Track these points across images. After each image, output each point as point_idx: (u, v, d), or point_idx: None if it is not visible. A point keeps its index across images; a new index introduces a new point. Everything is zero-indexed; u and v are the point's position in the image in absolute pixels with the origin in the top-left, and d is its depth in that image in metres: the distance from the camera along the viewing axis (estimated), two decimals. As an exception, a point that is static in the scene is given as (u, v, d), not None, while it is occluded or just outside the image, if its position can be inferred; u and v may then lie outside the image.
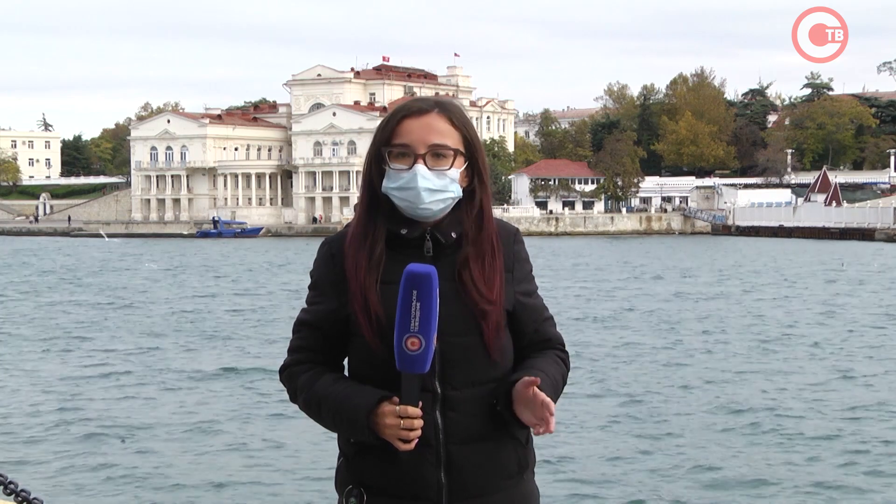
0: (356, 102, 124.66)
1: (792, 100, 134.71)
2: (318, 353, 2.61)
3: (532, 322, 2.64)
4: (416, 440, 2.45)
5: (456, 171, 2.57)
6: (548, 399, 2.43)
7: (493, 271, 2.57)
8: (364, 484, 2.56)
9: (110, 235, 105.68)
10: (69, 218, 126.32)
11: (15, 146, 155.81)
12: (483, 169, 2.64)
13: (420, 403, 2.45)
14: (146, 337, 27.12)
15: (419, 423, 2.44)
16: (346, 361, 2.68)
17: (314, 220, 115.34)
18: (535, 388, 2.44)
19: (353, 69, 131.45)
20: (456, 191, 2.57)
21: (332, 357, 2.63)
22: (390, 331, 2.45)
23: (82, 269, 57.02)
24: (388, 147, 2.57)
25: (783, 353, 23.27)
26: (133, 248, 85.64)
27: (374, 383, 2.51)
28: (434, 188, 2.53)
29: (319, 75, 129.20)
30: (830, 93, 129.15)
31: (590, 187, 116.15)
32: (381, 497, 2.55)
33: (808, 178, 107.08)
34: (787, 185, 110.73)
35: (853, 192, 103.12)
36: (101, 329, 28.84)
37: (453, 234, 2.57)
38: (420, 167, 2.53)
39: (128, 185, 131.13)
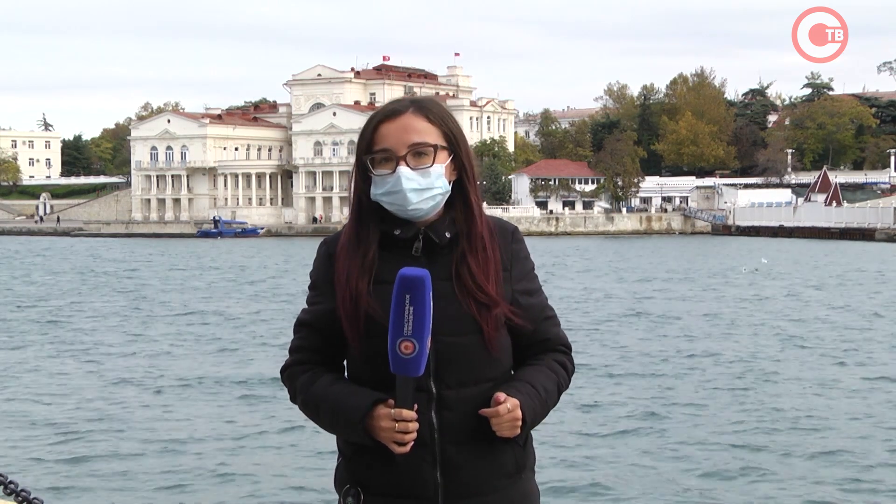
0: (356, 102, 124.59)
1: (792, 100, 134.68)
2: (318, 354, 2.61)
3: (532, 321, 2.62)
4: (412, 443, 2.46)
5: (440, 166, 2.55)
6: (497, 408, 2.47)
7: (488, 267, 2.56)
8: (362, 483, 2.57)
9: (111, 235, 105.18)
10: (58, 218, 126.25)
11: (15, 146, 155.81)
12: (468, 161, 2.61)
13: (416, 406, 2.44)
14: (150, 342, 27.15)
15: (414, 426, 2.44)
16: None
17: (314, 220, 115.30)
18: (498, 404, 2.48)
19: (353, 69, 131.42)
20: (443, 186, 2.56)
21: (333, 357, 2.63)
22: (382, 331, 2.45)
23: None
24: (369, 154, 2.57)
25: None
26: (137, 248, 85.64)
27: (372, 384, 2.51)
28: (420, 187, 2.52)
29: (319, 75, 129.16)
30: (830, 93, 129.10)
31: (590, 187, 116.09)
32: (378, 496, 2.55)
33: (809, 178, 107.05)
34: (788, 185, 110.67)
35: (853, 192, 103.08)
36: (111, 332, 28.87)
37: (447, 234, 2.57)
38: (403, 169, 2.52)
39: (128, 185, 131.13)
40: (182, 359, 23.05)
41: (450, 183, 2.58)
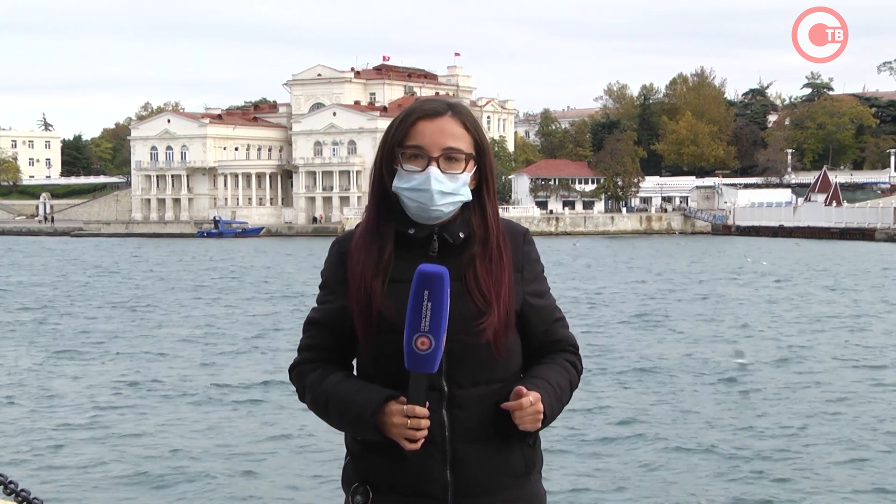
0: (356, 102, 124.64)
1: (792, 100, 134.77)
2: (328, 352, 2.61)
3: (542, 323, 2.64)
4: (423, 440, 2.45)
5: (467, 174, 2.57)
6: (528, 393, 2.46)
7: (501, 272, 2.56)
8: (370, 482, 2.57)
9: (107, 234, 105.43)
10: (52, 218, 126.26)
11: (15, 146, 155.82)
12: (490, 172, 2.64)
13: (427, 403, 2.44)
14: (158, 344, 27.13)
15: (426, 423, 2.44)
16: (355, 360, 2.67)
17: (314, 219, 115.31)
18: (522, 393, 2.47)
19: (353, 69, 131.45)
20: (466, 194, 2.58)
21: (342, 355, 2.63)
22: (395, 329, 2.45)
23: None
24: (401, 148, 2.57)
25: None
26: (136, 247, 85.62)
27: (382, 383, 2.51)
28: (446, 191, 2.54)
29: (319, 75, 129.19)
30: (830, 93, 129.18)
31: (590, 187, 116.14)
32: (386, 495, 2.55)
33: (809, 178, 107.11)
34: (788, 185, 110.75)
35: (853, 192, 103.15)
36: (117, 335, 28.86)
37: (461, 234, 2.57)
38: (433, 170, 2.53)
39: (128, 184, 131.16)
40: (188, 363, 23.00)
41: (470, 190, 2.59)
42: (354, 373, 2.64)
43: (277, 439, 14.81)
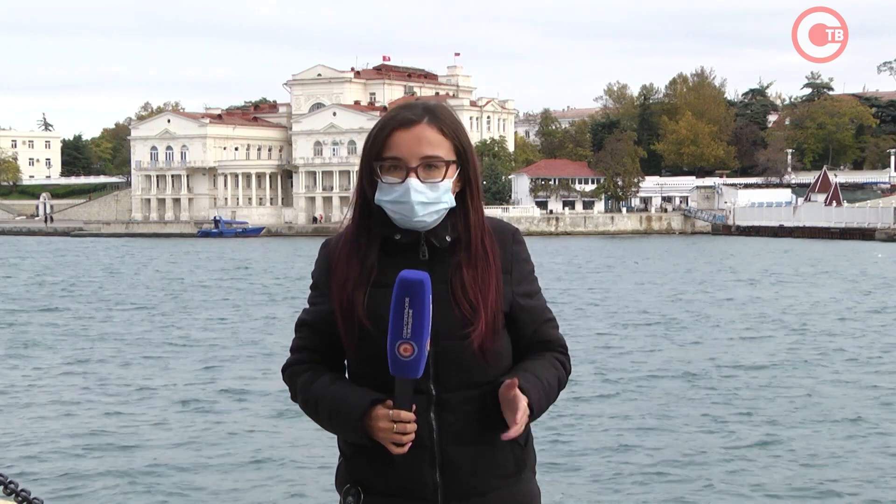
0: (356, 102, 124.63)
1: (792, 100, 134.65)
2: (319, 353, 2.62)
3: (531, 324, 2.63)
4: (410, 444, 2.46)
5: (448, 181, 2.55)
6: (520, 397, 2.43)
7: (487, 275, 2.56)
8: (361, 483, 2.57)
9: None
10: (49, 218, 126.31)
11: (15, 146, 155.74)
12: (474, 174, 2.61)
13: (414, 407, 2.44)
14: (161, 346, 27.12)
15: (412, 427, 2.44)
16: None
17: (314, 219, 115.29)
18: (516, 390, 2.44)
19: (353, 69, 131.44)
20: (449, 201, 2.56)
21: (333, 356, 2.63)
22: (381, 334, 2.46)
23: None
24: (379, 160, 2.56)
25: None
26: (137, 247, 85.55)
27: (372, 385, 2.52)
28: (427, 201, 2.52)
29: (320, 75, 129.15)
30: (830, 93, 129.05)
31: (590, 187, 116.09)
32: (377, 496, 2.56)
33: (809, 177, 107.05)
34: (788, 185, 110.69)
35: (853, 192, 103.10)
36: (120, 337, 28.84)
37: (448, 238, 2.57)
38: (413, 181, 2.51)
39: (128, 184, 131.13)
40: (188, 366, 23.01)
41: (454, 194, 2.58)
42: (346, 374, 2.64)
43: (274, 441, 14.82)
